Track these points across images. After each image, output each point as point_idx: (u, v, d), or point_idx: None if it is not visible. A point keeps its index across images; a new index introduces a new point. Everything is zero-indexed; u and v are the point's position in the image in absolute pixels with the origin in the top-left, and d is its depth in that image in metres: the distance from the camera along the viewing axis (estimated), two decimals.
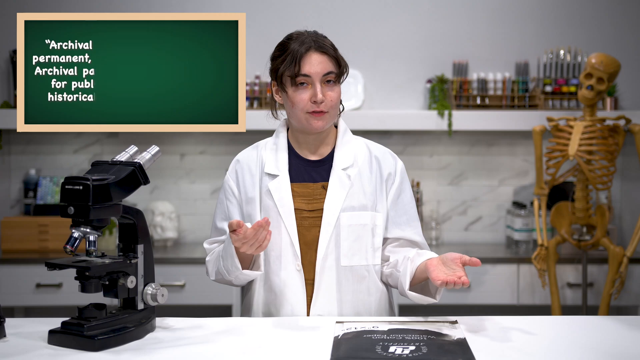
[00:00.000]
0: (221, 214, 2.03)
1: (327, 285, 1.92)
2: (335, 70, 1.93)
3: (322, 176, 1.97)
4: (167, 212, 3.81)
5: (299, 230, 1.93)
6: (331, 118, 1.94)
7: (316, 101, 1.89)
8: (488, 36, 3.94)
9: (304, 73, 1.90)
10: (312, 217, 1.94)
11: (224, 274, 1.91)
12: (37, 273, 3.47)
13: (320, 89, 1.90)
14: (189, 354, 1.56)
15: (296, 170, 1.98)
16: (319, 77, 1.90)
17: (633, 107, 3.92)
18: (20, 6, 3.86)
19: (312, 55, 1.91)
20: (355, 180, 1.96)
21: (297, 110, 1.93)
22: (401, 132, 3.94)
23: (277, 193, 1.94)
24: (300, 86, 1.91)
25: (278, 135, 2.03)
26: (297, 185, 1.96)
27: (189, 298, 3.50)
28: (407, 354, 1.51)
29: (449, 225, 4.01)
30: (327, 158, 2.00)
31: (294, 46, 1.92)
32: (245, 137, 3.91)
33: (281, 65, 1.92)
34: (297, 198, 1.94)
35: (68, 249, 1.63)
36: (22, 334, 1.68)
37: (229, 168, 2.06)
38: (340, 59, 1.95)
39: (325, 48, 1.93)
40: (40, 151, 3.95)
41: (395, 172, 2.02)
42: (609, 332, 1.73)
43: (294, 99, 1.92)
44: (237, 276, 1.89)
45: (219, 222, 2.03)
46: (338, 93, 1.94)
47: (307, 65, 1.90)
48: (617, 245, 3.34)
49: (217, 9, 3.91)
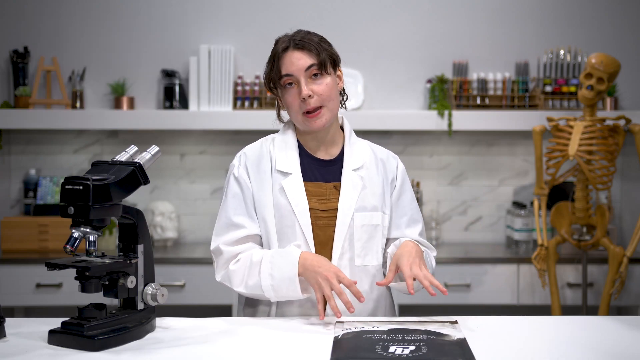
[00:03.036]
0: (239, 208, 1.93)
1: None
2: (316, 61, 1.90)
3: (333, 176, 1.97)
4: (167, 212, 3.81)
5: (313, 230, 1.92)
6: (329, 112, 1.93)
7: (304, 98, 1.89)
8: (488, 36, 3.94)
9: (285, 73, 1.91)
10: (325, 216, 1.94)
11: (268, 291, 1.84)
12: (37, 273, 3.47)
13: (306, 84, 1.89)
14: (189, 354, 1.56)
15: (308, 170, 1.97)
16: (302, 74, 1.90)
17: (633, 107, 3.92)
18: (20, 6, 3.86)
19: (291, 54, 1.91)
20: (366, 182, 1.97)
21: (293, 113, 1.94)
22: (401, 132, 3.95)
23: (291, 192, 1.92)
24: (288, 87, 1.92)
25: (286, 133, 2.01)
26: (310, 184, 1.95)
27: (189, 298, 3.50)
28: (407, 354, 1.51)
29: (449, 225, 4.01)
30: (337, 158, 2.00)
31: (275, 49, 1.95)
32: (246, 137, 3.92)
33: (270, 71, 1.95)
34: (310, 197, 1.93)
35: (68, 249, 1.63)
36: (22, 334, 1.68)
37: (237, 162, 1.99)
38: (320, 50, 1.91)
39: (302, 44, 1.91)
40: (40, 151, 3.95)
41: (397, 174, 2.04)
42: (609, 332, 1.73)
43: (286, 101, 1.93)
44: (286, 296, 1.84)
45: (236, 217, 1.92)
46: (329, 84, 1.91)
47: (287, 65, 1.91)
48: (617, 245, 3.34)
49: (217, 9, 3.91)
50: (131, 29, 3.92)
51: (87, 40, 3.91)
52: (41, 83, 3.85)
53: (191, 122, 3.73)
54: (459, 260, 3.58)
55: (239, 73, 3.89)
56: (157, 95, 3.93)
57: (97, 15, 3.91)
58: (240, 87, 3.83)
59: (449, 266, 3.54)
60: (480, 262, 3.56)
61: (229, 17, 3.92)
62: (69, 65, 3.89)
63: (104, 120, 3.73)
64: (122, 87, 3.83)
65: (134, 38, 3.92)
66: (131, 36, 3.92)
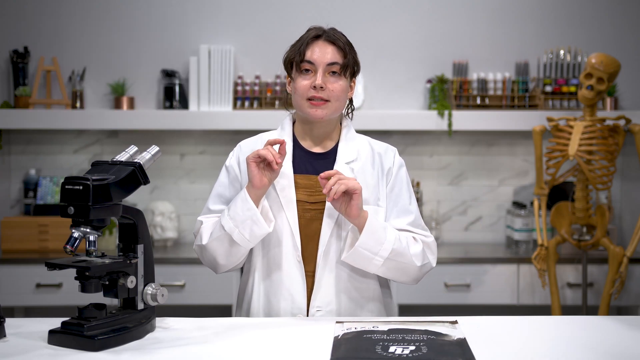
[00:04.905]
0: (219, 197, 1.99)
1: (328, 279, 1.91)
2: (340, 62, 1.93)
3: (325, 169, 1.97)
4: (167, 212, 3.81)
5: (300, 222, 1.92)
6: (333, 109, 1.94)
7: (315, 86, 1.90)
8: (488, 36, 3.94)
9: (307, 59, 1.92)
10: (314, 209, 1.94)
11: (227, 223, 1.85)
12: (37, 273, 3.47)
13: (322, 77, 1.91)
14: (189, 354, 1.56)
15: (299, 162, 1.98)
16: (322, 66, 1.91)
17: (633, 107, 3.92)
18: (21, 6, 3.86)
19: (319, 43, 1.93)
20: (358, 174, 1.96)
21: (297, 97, 1.94)
22: (401, 132, 3.95)
23: (279, 183, 1.93)
24: (304, 72, 1.93)
25: (283, 127, 2.04)
26: (300, 176, 1.96)
27: (189, 298, 3.50)
28: (407, 354, 1.51)
29: (449, 225, 4.01)
30: (331, 152, 2.00)
31: (305, 35, 1.96)
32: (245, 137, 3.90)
33: (291, 52, 1.96)
34: (299, 189, 1.94)
35: (68, 249, 1.63)
36: (22, 334, 1.68)
37: (231, 153, 2.05)
38: (348, 52, 1.94)
39: (335, 39, 1.94)
40: (40, 151, 3.95)
41: (393, 165, 2.02)
42: (609, 332, 1.73)
43: (296, 84, 1.94)
44: (244, 222, 1.84)
45: (213, 206, 1.99)
46: (342, 86, 1.94)
47: (312, 52, 1.93)
48: (617, 245, 3.34)
49: (217, 9, 3.91)
50: (131, 29, 3.92)
51: (87, 40, 3.91)
52: (41, 83, 3.85)
53: (191, 122, 3.73)
54: (459, 260, 3.58)
55: (239, 73, 3.89)
56: (157, 95, 3.93)
57: (97, 15, 3.91)
58: (240, 87, 3.83)
59: (449, 266, 3.54)
60: (480, 262, 3.56)
61: (229, 17, 3.92)
62: (69, 65, 3.89)
63: (104, 120, 3.73)
64: (122, 87, 3.83)
65: (134, 38, 3.92)
66: (131, 36, 3.92)
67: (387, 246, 1.85)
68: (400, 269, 1.90)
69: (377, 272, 1.90)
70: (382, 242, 1.85)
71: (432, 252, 1.98)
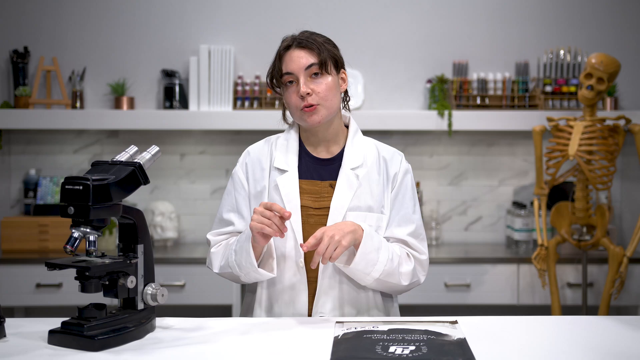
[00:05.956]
0: (229, 205, 2.02)
1: (330, 284, 1.92)
2: (316, 61, 1.92)
3: (331, 175, 1.97)
4: (167, 212, 3.81)
5: (303, 228, 1.93)
6: (326, 111, 1.93)
7: (302, 95, 1.90)
8: (488, 36, 3.94)
9: (286, 71, 1.93)
10: (318, 215, 1.94)
11: (234, 268, 1.89)
12: (37, 273, 3.47)
13: (305, 83, 1.91)
14: (189, 354, 1.56)
15: (305, 168, 1.98)
16: (302, 72, 1.91)
17: (633, 107, 3.92)
18: (21, 6, 3.86)
19: (292, 53, 1.93)
20: (363, 181, 1.96)
21: (292, 110, 1.96)
22: (401, 132, 3.95)
23: (284, 188, 1.94)
24: (289, 85, 1.94)
25: (290, 132, 2.04)
26: (305, 182, 1.96)
27: (189, 298, 3.50)
28: (407, 354, 1.51)
29: (449, 225, 4.01)
30: (337, 157, 2.00)
31: (278, 48, 1.97)
32: (246, 137, 3.93)
33: (272, 69, 1.97)
34: (304, 195, 1.95)
35: (68, 249, 1.63)
36: (22, 334, 1.68)
37: (240, 160, 2.06)
38: (322, 49, 1.92)
39: (305, 43, 1.93)
40: (40, 151, 3.95)
41: (399, 171, 2.02)
42: (609, 332, 1.73)
43: (286, 98, 1.95)
44: (249, 273, 1.88)
45: (226, 214, 2.01)
46: (328, 84, 1.93)
47: (288, 63, 1.93)
48: (617, 245, 3.34)
49: (217, 9, 3.91)
50: (131, 29, 3.92)
51: (87, 40, 3.91)
52: (41, 83, 3.85)
53: (191, 122, 3.73)
54: (459, 260, 3.58)
55: (239, 73, 3.89)
56: (157, 95, 3.93)
57: (97, 15, 3.91)
58: (240, 87, 3.83)
59: (449, 266, 3.54)
60: (480, 262, 3.56)
61: (229, 17, 3.92)
62: (69, 65, 3.89)
63: (104, 120, 3.73)
64: (122, 87, 3.83)
65: (134, 38, 3.92)
66: (131, 36, 3.92)
67: (379, 267, 1.87)
68: (387, 287, 1.94)
69: (367, 285, 1.93)
70: (375, 264, 1.87)
71: (424, 270, 1.99)
